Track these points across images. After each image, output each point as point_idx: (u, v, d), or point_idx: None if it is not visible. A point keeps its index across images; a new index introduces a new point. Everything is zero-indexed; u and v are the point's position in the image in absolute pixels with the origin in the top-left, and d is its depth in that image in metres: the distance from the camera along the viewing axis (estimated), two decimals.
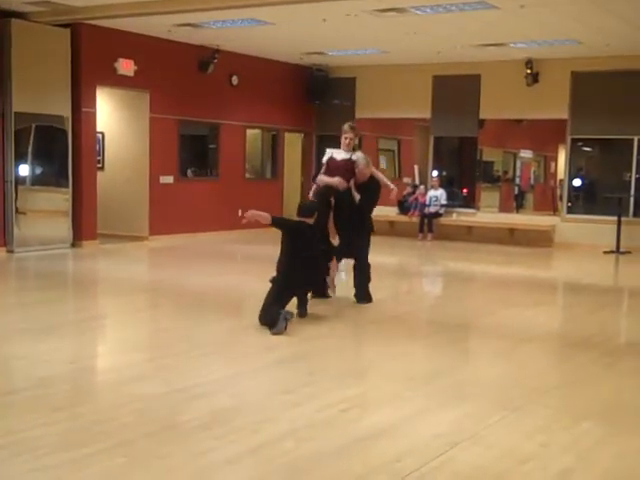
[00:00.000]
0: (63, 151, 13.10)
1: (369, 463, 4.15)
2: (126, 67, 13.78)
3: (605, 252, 14.36)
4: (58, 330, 7.24)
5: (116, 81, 13.78)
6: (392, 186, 9.01)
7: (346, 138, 8.75)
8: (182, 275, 10.91)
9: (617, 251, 14.35)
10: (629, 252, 14.31)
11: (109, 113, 14.67)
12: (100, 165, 14.39)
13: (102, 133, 14.51)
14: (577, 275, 12.36)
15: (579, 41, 13.38)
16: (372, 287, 8.74)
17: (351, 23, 12.39)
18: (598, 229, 14.88)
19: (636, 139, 14.88)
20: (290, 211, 13.38)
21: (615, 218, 14.47)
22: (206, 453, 4.21)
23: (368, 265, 8.68)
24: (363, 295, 8.65)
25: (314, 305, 8.32)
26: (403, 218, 16.77)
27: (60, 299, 9.15)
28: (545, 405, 5.31)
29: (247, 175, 16.72)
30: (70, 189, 13.18)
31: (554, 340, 7.64)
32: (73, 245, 13.22)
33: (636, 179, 15.03)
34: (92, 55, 13.24)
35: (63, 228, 13.13)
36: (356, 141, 9.16)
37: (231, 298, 9.21)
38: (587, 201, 16.42)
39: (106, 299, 9.54)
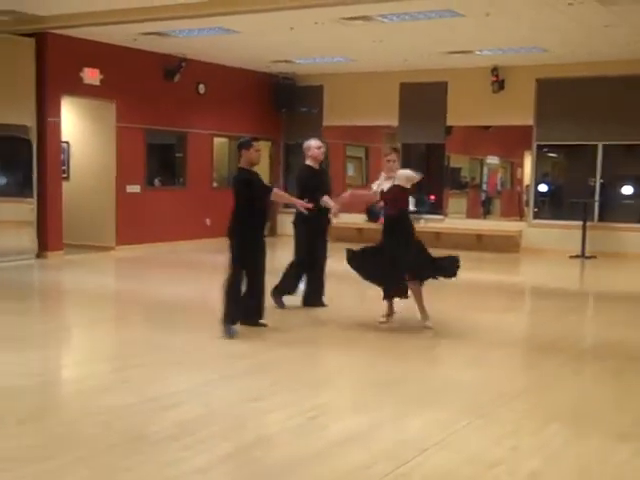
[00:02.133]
0: (27, 161, 12.94)
1: (339, 470, 4.14)
2: (92, 76, 13.69)
3: (571, 257, 14.50)
4: (23, 342, 7.14)
5: (82, 90, 13.67)
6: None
7: (388, 161, 7.92)
8: (149, 285, 10.83)
9: (583, 256, 14.49)
10: (594, 257, 14.46)
11: (74, 122, 14.54)
12: (65, 175, 14.25)
13: (67, 143, 14.38)
14: (544, 280, 12.47)
15: (544, 48, 13.53)
16: (341, 295, 8.75)
17: (318, 31, 12.42)
18: (564, 234, 15.03)
19: (600, 145, 15.07)
20: None
21: (580, 223, 14.63)
22: (175, 463, 4.18)
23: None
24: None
25: (281, 313, 8.32)
26: (371, 225, 16.79)
27: (25, 311, 9.03)
28: (513, 409, 5.34)
29: (214, 184, 16.66)
30: (35, 199, 13.03)
31: (522, 345, 7.69)
32: (38, 256, 13.06)
33: (600, 184, 15.21)
34: (57, 64, 13.13)
35: (28, 239, 12.96)
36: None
37: (198, 307, 9.16)
38: (553, 206, 16.59)
39: (72, 310, 9.44)
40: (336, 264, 8.86)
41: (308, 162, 8.83)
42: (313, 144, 8.83)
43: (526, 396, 5.81)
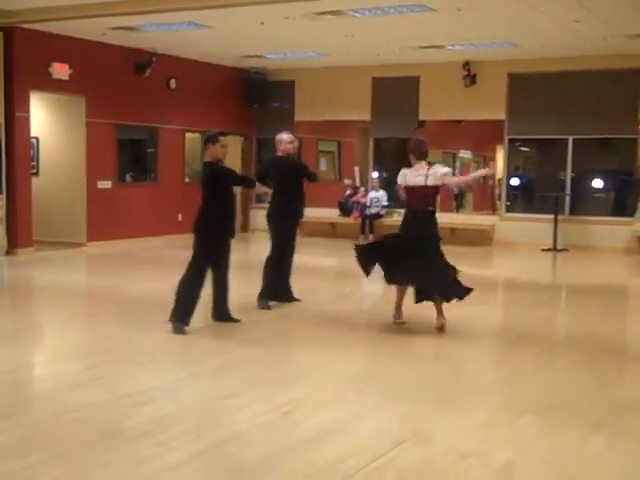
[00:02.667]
0: None
1: (314, 464, 4.14)
2: (61, 71, 13.52)
3: (543, 250, 14.61)
4: None
5: (51, 85, 13.51)
6: None
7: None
8: (121, 281, 10.74)
9: (554, 249, 14.61)
10: (566, 250, 14.58)
11: (44, 118, 14.38)
12: (35, 171, 14.10)
13: (37, 138, 14.22)
14: (516, 273, 12.55)
15: (515, 43, 13.60)
16: (315, 289, 8.72)
17: (289, 26, 12.37)
18: (536, 227, 15.14)
19: (571, 139, 15.18)
20: None
21: (552, 216, 14.75)
22: (148, 460, 4.15)
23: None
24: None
25: (252, 310, 8.28)
26: (344, 219, 16.82)
27: None
28: (486, 402, 5.36)
29: (186, 179, 16.57)
30: (4, 196, 12.88)
31: (494, 337, 7.73)
32: (8, 253, 12.91)
33: (571, 178, 15.34)
34: (25, 59, 12.96)
35: None
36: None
37: (170, 304, 9.09)
38: (525, 200, 16.71)
39: (43, 307, 9.34)
40: (308, 258, 8.84)
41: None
42: (285, 138, 8.76)
43: (499, 388, 5.84)
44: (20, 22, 12.50)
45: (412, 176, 7.63)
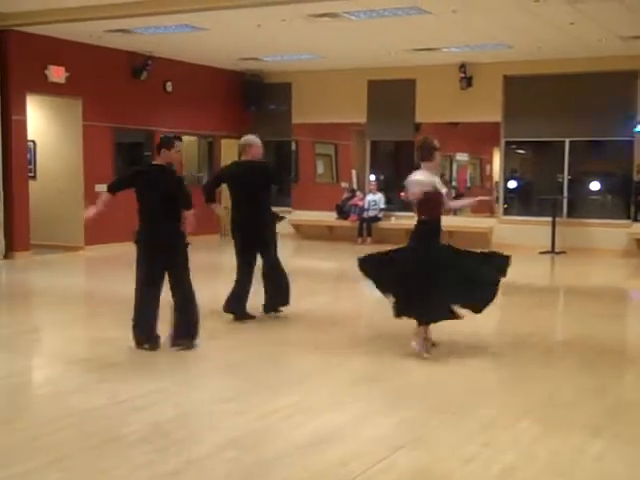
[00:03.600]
0: None
1: (313, 469, 4.13)
2: (57, 74, 13.51)
3: (541, 252, 14.61)
4: None
5: (47, 88, 13.50)
6: None
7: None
8: (119, 285, 10.66)
9: (552, 251, 14.61)
10: (564, 252, 14.58)
11: (40, 121, 14.36)
12: (32, 174, 14.07)
13: (33, 141, 14.19)
14: (514, 276, 12.41)
15: (510, 45, 13.61)
16: (314, 292, 8.70)
17: (286, 28, 12.37)
18: (534, 230, 15.14)
19: (567, 141, 15.19)
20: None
21: (550, 219, 14.75)
22: (149, 466, 4.14)
23: None
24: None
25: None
26: (341, 223, 16.82)
27: None
28: (485, 406, 5.35)
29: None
30: (1, 199, 12.86)
31: (492, 341, 7.73)
32: (5, 257, 12.89)
33: (568, 180, 15.34)
34: (22, 62, 12.95)
35: None
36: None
37: (168, 307, 9.07)
38: (522, 203, 16.69)
39: (41, 311, 9.33)
40: (306, 262, 8.81)
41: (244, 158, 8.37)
42: (256, 142, 8.44)
43: (497, 392, 5.85)
44: (16, 25, 12.49)
45: (438, 182, 7.00)
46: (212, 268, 12.10)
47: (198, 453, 4.33)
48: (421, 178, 6.86)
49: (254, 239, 8.00)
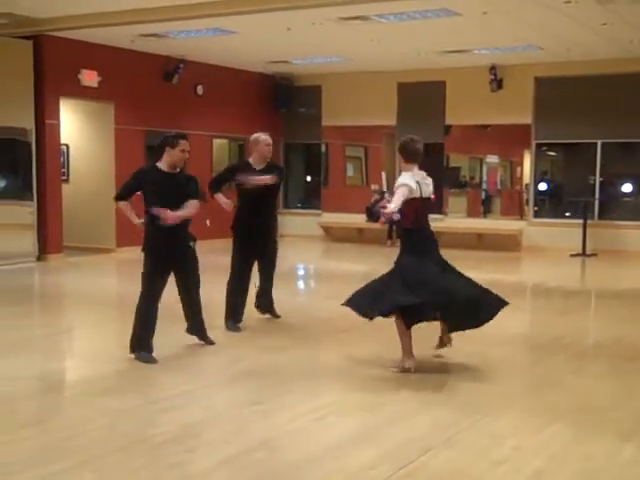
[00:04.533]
0: (27, 164, 12.94)
1: (344, 471, 4.14)
2: (90, 78, 13.67)
3: (572, 255, 14.48)
4: (25, 345, 7.14)
5: (80, 92, 13.66)
6: None
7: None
8: None
9: (583, 254, 14.48)
10: (595, 255, 14.45)
11: (73, 125, 14.53)
12: (65, 177, 14.25)
13: (67, 145, 14.37)
14: (545, 278, 12.45)
15: (540, 47, 13.52)
16: (341, 294, 8.66)
17: (315, 31, 12.41)
18: (564, 232, 15.02)
19: (599, 143, 15.06)
20: None
21: (581, 221, 14.63)
22: (178, 466, 4.17)
23: None
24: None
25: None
26: (371, 225, 16.79)
27: (26, 314, 9.01)
28: (515, 409, 5.33)
29: None
30: (35, 202, 13.03)
31: (523, 343, 7.69)
32: (38, 259, 13.05)
33: (600, 182, 15.21)
34: (55, 67, 13.13)
35: (28, 242, 12.94)
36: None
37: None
38: (553, 205, 16.58)
39: (74, 312, 9.43)
40: (335, 264, 8.81)
41: (250, 159, 8.33)
42: (263, 139, 8.19)
43: (528, 395, 5.81)
44: (49, 30, 12.66)
45: (424, 184, 6.61)
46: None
47: (228, 454, 4.36)
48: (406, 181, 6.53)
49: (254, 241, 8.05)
